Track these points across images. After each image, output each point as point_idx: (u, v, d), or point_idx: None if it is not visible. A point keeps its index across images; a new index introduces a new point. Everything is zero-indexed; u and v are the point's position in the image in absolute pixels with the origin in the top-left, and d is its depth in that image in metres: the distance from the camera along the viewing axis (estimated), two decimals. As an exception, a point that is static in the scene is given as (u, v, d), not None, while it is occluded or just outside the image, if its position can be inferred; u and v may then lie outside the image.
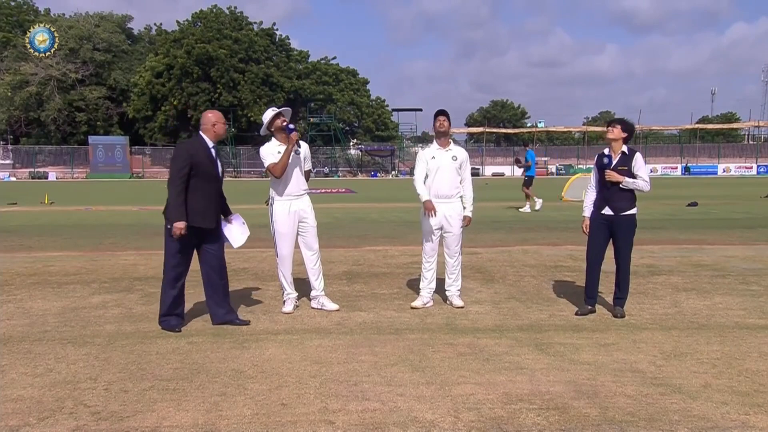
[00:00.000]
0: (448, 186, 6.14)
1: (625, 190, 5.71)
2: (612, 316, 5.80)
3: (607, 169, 5.73)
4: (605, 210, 5.78)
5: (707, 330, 5.34)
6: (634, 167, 5.70)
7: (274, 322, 5.68)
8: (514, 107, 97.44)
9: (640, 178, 5.68)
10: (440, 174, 6.13)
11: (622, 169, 5.69)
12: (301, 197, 6.03)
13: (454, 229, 6.19)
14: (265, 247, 10.42)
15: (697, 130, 76.32)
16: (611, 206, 5.74)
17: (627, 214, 5.73)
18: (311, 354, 4.75)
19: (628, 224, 5.75)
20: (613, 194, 5.73)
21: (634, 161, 5.71)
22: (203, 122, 5.47)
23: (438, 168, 6.13)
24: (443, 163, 6.14)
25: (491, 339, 5.12)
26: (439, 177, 6.14)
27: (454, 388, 4.00)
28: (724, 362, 4.50)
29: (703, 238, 11.44)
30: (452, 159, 6.15)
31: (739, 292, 6.80)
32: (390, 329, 5.46)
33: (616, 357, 4.63)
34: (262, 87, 66.56)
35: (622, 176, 5.66)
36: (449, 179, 6.14)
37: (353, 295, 6.82)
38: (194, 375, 4.28)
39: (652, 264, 8.61)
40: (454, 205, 6.19)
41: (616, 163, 5.73)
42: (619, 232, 5.75)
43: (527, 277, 7.77)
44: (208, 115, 5.49)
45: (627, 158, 5.73)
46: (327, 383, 4.11)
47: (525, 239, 11.48)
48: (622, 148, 5.77)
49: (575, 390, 3.96)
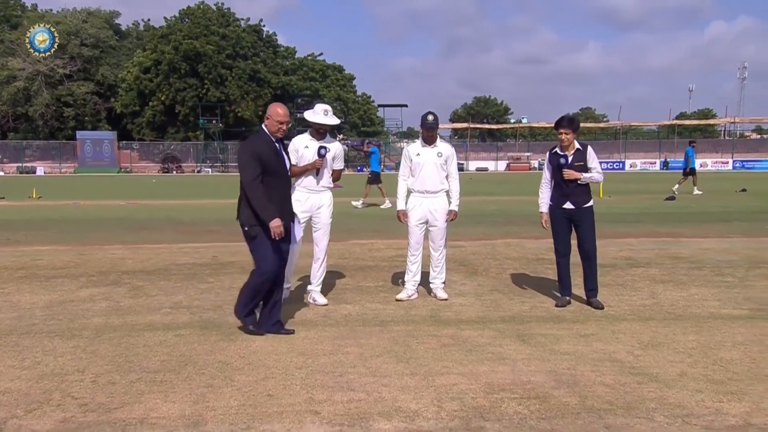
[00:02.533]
0: (433, 182, 6.17)
1: (582, 184, 5.87)
2: (592, 307, 5.85)
3: (565, 168, 5.84)
4: (566, 205, 5.91)
5: (683, 320, 5.40)
6: (589, 160, 5.86)
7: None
8: (498, 103, 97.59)
9: (594, 170, 5.87)
10: (425, 170, 6.17)
11: (578, 165, 5.84)
12: (320, 193, 6.05)
13: (439, 223, 6.22)
14: (252, 241, 10.38)
15: (675, 126, 76.99)
16: (572, 201, 5.88)
17: (587, 207, 5.91)
18: (298, 346, 4.74)
19: (589, 216, 5.93)
20: (572, 189, 5.87)
21: (588, 155, 5.87)
22: (270, 114, 4.98)
23: (423, 164, 6.16)
24: (428, 159, 6.17)
25: (474, 330, 5.14)
26: (424, 173, 6.17)
27: (437, 379, 4.01)
28: (699, 351, 4.55)
29: (680, 231, 11.55)
30: (437, 155, 6.18)
31: (715, 284, 6.88)
32: (375, 321, 5.47)
33: (595, 347, 4.67)
34: (250, 83, 66.21)
35: (580, 173, 5.81)
36: (434, 175, 6.17)
37: (339, 288, 6.81)
38: (181, 367, 4.26)
39: (630, 257, 8.68)
40: (439, 200, 6.23)
41: (572, 160, 5.85)
42: (583, 223, 5.89)
43: (510, 270, 7.81)
44: (278, 110, 4.98)
45: (581, 154, 5.87)
46: (313, 374, 4.11)
47: (508, 233, 11.53)
48: (574, 144, 5.88)
49: (555, 379, 3.99)
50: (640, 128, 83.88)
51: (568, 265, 6.02)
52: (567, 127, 5.81)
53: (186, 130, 66.94)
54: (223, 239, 10.60)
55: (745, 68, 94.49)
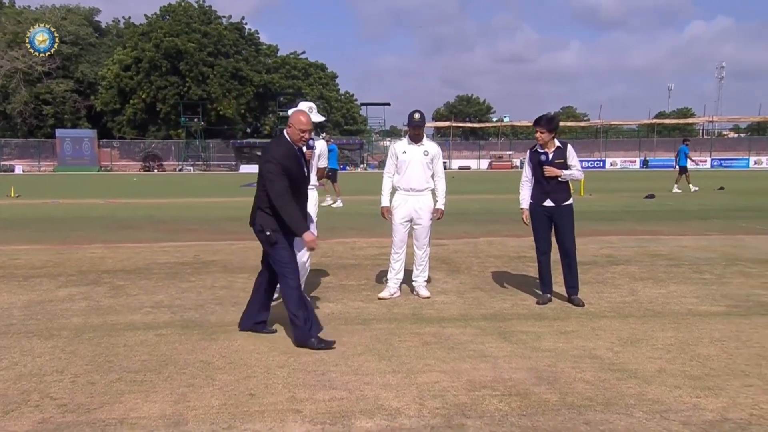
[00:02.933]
0: (418, 180, 6.18)
1: (562, 182, 5.92)
2: (573, 305, 5.90)
3: (546, 165, 5.90)
4: (546, 202, 5.96)
5: (662, 317, 5.46)
6: (569, 158, 5.91)
7: (243, 314, 5.63)
8: (480, 102, 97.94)
9: (574, 168, 5.93)
10: (411, 168, 6.18)
11: (558, 163, 5.89)
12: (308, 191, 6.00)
13: (423, 221, 6.24)
14: (234, 240, 10.33)
15: (655, 124, 77.79)
16: (552, 198, 5.93)
17: (567, 204, 5.96)
18: (279, 345, 4.72)
19: (569, 212, 5.98)
20: (552, 187, 5.92)
21: (568, 153, 5.92)
22: (293, 122, 4.83)
23: (409, 162, 6.18)
24: (414, 157, 6.18)
25: (456, 328, 5.16)
26: (409, 171, 6.18)
27: (419, 377, 4.02)
28: (677, 348, 4.60)
29: (659, 229, 11.68)
30: (423, 154, 6.19)
31: (693, 281, 6.96)
32: (357, 320, 5.46)
33: (575, 344, 4.70)
34: (232, 81, 65.82)
35: (560, 170, 5.86)
36: (420, 173, 6.18)
37: (322, 287, 6.80)
38: (162, 367, 4.23)
39: (610, 254, 8.76)
40: (424, 198, 6.25)
41: (552, 157, 5.90)
42: (563, 220, 5.94)
43: (492, 268, 7.85)
44: (302, 119, 4.83)
45: (562, 151, 5.92)
46: (295, 373, 4.10)
47: (491, 231, 11.58)
48: (554, 143, 5.93)
49: (536, 376, 4.01)
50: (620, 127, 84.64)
51: (548, 263, 6.06)
52: (543, 126, 5.87)
53: (167, 129, 66.39)
54: (205, 238, 10.54)
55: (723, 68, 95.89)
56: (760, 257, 8.43)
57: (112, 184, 34.41)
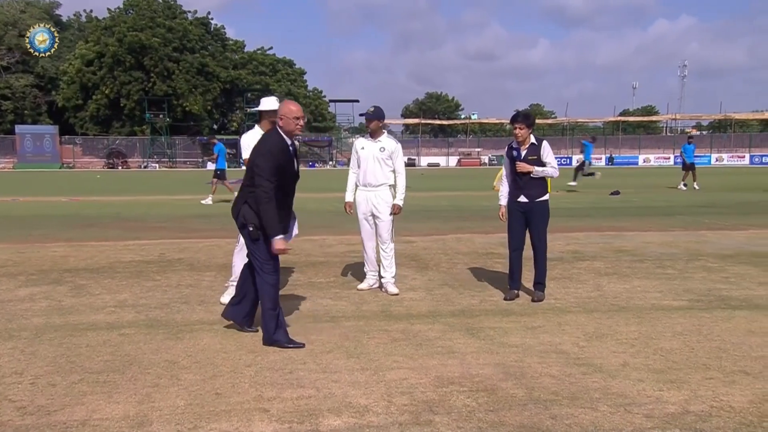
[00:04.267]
0: (374, 175, 6.34)
1: (537, 178, 5.95)
2: (531, 300, 5.97)
3: (518, 160, 5.94)
4: (521, 198, 6.00)
5: (626, 312, 5.56)
6: (543, 155, 5.94)
7: (210, 312, 5.58)
8: (449, 99, 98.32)
9: (549, 165, 5.95)
10: (368, 163, 6.35)
11: (532, 159, 5.92)
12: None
13: (382, 215, 6.35)
14: (200, 238, 10.22)
15: (620, 122, 79.11)
16: (525, 194, 5.98)
17: (541, 201, 5.99)
18: (247, 343, 4.69)
19: (542, 210, 6.00)
20: (526, 183, 5.96)
21: (542, 150, 5.95)
22: (284, 114, 4.65)
23: (367, 158, 6.35)
24: (371, 153, 6.35)
25: (425, 324, 5.18)
26: (366, 166, 6.36)
27: (387, 373, 4.03)
28: (641, 342, 4.69)
29: (624, 225, 11.89)
30: (380, 150, 6.34)
31: (656, 276, 7.10)
32: (326, 317, 5.45)
33: (542, 339, 4.76)
34: (198, 77, 64.96)
35: (532, 166, 5.89)
36: (375, 169, 6.34)
37: (290, 285, 6.77)
38: (126, 367, 4.16)
39: (577, 250, 8.89)
40: (381, 193, 6.36)
41: (526, 153, 5.95)
42: (535, 217, 5.98)
43: (460, 265, 7.90)
44: (291, 108, 4.67)
45: (536, 148, 5.96)
46: (262, 372, 4.07)
47: (459, 227, 11.65)
48: (530, 139, 5.97)
49: (504, 372, 4.05)
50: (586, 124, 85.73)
51: (519, 259, 6.12)
52: (522, 122, 5.91)
53: (131, 125, 65.22)
54: (171, 236, 10.40)
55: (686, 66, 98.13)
56: (722, 252, 8.64)
57: (75, 182, 33.70)
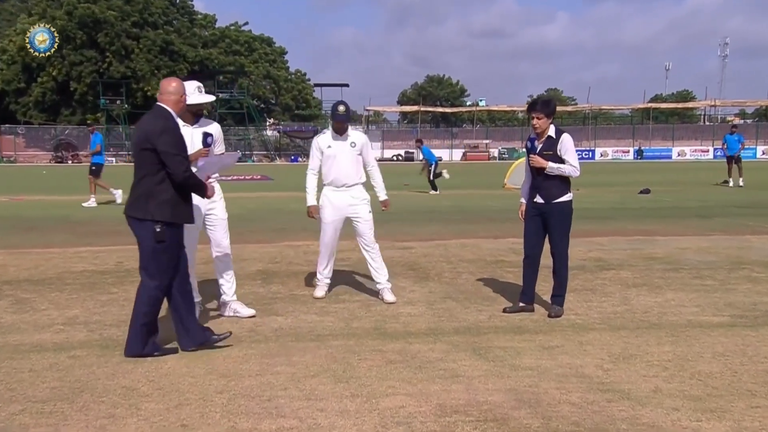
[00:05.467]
0: (348, 174, 6.53)
1: (555, 177, 5.92)
2: (547, 315, 5.98)
3: (533, 154, 5.95)
4: (537, 198, 6.02)
5: (658, 329, 5.58)
6: (560, 151, 5.90)
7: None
8: (452, 83, 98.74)
9: (568, 163, 5.89)
10: (340, 162, 6.51)
11: (547, 154, 5.90)
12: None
13: (362, 215, 6.56)
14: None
15: (651, 109, 79.40)
16: (541, 194, 5.98)
17: (559, 202, 5.95)
18: (218, 366, 4.68)
19: (561, 212, 5.97)
20: (542, 181, 5.97)
21: (560, 144, 5.91)
22: (170, 92, 4.93)
23: (336, 156, 6.51)
24: (342, 150, 6.51)
25: (424, 344, 5.18)
26: (338, 166, 6.52)
27: (382, 401, 4.03)
28: (675, 364, 4.70)
29: (655, 228, 11.93)
30: (351, 146, 6.52)
31: (693, 288, 7.13)
32: (310, 336, 5.45)
33: (560, 361, 4.77)
34: (161, 56, 64.97)
35: (547, 162, 5.87)
36: (350, 167, 6.53)
37: (269, 298, 6.76)
38: (76, 395, 4.14)
39: (600, 258, 8.91)
40: (356, 192, 6.58)
41: (542, 147, 5.94)
42: (551, 220, 5.97)
43: (465, 274, 7.91)
44: (171, 83, 4.99)
45: (553, 142, 5.92)
46: (236, 399, 4.06)
47: (463, 231, 11.67)
48: (548, 131, 5.95)
49: (516, 399, 4.06)
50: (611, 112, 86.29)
51: (530, 268, 6.14)
52: (540, 110, 5.85)
53: (83, 112, 65.09)
54: (130, 241, 10.25)
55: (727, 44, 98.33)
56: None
57: (17, 178, 33.59)
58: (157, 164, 4.76)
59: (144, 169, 4.81)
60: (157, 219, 4.76)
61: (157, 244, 4.79)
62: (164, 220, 4.78)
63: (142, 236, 4.84)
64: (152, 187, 4.78)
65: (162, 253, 4.83)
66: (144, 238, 4.83)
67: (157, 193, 4.77)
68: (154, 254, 4.83)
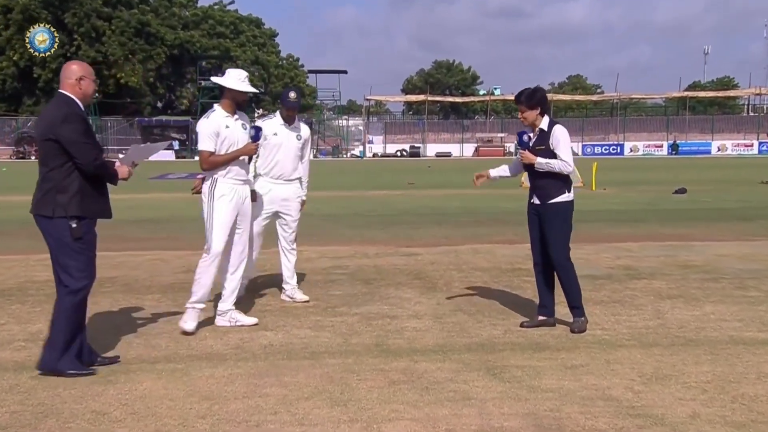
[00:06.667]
0: (291, 167, 6.83)
1: (551, 175, 5.98)
2: (570, 331, 5.99)
3: (524, 149, 6.06)
4: (533, 198, 6.12)
5: (696, 346, 5.57)
6: (552, 144, 5.97)
7: (152, 347, 5.58)
8: (463, 70, 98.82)
9: (559, 158, 5.94)
10: (283, 153, 6.77)
11: (539, 149, 5.98)
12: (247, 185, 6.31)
13: (293, 213, 6.92)
14: (139, 250, 10.20)
15: (687, 98, 79.37)
16: (538, 194, 6.07)
17: (555, 202, 6.01)
18: (200, 388, 4.68)
19: (555, 213, 6.02)
20: (536, 179, 6.06)
21: (552, 137, 5.98)
22: (70, 75, 5.04)
23: (280, 146, 6.74)
24: (288, 141, 6.77)
25: (432, 362, 5.18)
26: (281, 156, 6.77)
27: (384, 426, 4.03)
28: (715, 386, 4.69)
29: (692, 232, 11.92)
30: (297, 138, 6.82)
31: (735, 299, 7.12)
32: (304, 353, 5.45)
33: (585, 382, 4.76)
34: (136, 39, 65.12)
35: (536, 157, 5.95)
36: (292, 160, 6.84)
37: (257, 310, 6.77)
38: (40, 420, 4.15)
39: (630, 265, 8.91)
40: (293, 187, 6.92)
41: (534, 142, 6.05)
42: (546, 222, 6.04)
43: (478, 284, 7.91)
44: (72, 67, 5.10)
45: (545, 135, 6.01)
46: (220, 425, 4.07)
47: (475, 235, 11.67)
48: (540, 124, 6.04)
49: (535, 424, 4.05)
50: (642, 102, 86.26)
51: (541, 275, 6.21)
52: (522, 102, 6.01)
53: (48, 102, 65.19)
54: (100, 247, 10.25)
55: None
56: (819, 268, 8.67)
57: (-26, 176, 33.61)
58: (63, 155, 4.81)
59: (49, 162, 4.87)
60: (71, 215, 4.83)
61: (74, 241, 4.86)
62: (78, 215, 4.84)
63: (56, 236, 4.88)
64: (60, 181, 4.83)
65: (80, 253, 4.91)
66: (57, 237, 4.88)
67: (67, 186, 4.84)
68: (72, 254, 4.90)
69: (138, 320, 6.43)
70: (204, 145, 5.91)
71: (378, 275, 8.43)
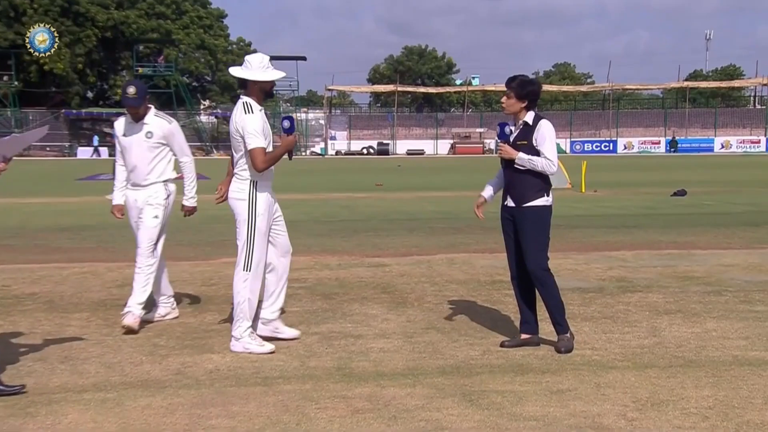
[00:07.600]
0: (140, 171, 6.75)
1: (530, 174, 5.98)
2: (555, 350, 6.03)
3: (504, 142, 6.08)
4: (507, 200, 6.13)
5: (696, 368, 5.62)
6: (536, 140, 5.98)
7: (78, 374, 5.51)
8: (437, 57, 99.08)
9: (543, 155, 5.95)
10: (132, 154, 6.75)
11: (521, 144, 6.00)
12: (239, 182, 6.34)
13: (145, 219, 6.75)
14: (65, 262, 10.08)
15: (687, 89, 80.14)
16: (512, 194, 6.08)
17: (531, 206, 6.00)
18: (135, 420, 4.63)
19: (533, 219, 6.01)
20: (513, 178, 6.06)
21: (536, 132, 5.99)
22: None
23: (129, 147, 6.74)
24: (134, 140, 6.73)
25: (401, 388, 5.18)
26: (130, 158, 6.77)
27: (345, 462, 4.02)
28: (718, 412, 4.73)
29: (692, 240, 12.05)
30: (146, 136, 6.71)
31: (740, 315, 7.19)
32: (255, 378, 5.42)
33: (573, 408, 4.78)
34: (62, 19, 64.53)
35: (516, 152, 5.96)
36: (142, 162, 6.74)
37: (201, 330, 6.73)
38: (-51, 458, 4.08)
39: (623, 277, 8.98)
40: (149, 191, 6.79)
41: (516, 136, 6.07)
42: (521, 228, 6.04)
43: (453, 298, 7.93)
44: None
45: (528, 130, 6.02)
46: (157, 462, 4.03)
47: (451, 244, 11.70)
48: (524, 116, 6.05)
49: (517, 457, 4.07)
50: (637, 93, 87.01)
51: (519, 289, 6.25)
52: (513, 88, 6.00)
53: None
54: (20, 259, 10.25)
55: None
56: (832, 279, 8.79)
57: None
58: None
59: None
60: None
61: None
62: None
63: None
64: None
65: None
66: None
67: None
68: None
69: (63, 343, 6.34)
70: (258, 141, 5.95)
71: (341, 289, 8.41)
